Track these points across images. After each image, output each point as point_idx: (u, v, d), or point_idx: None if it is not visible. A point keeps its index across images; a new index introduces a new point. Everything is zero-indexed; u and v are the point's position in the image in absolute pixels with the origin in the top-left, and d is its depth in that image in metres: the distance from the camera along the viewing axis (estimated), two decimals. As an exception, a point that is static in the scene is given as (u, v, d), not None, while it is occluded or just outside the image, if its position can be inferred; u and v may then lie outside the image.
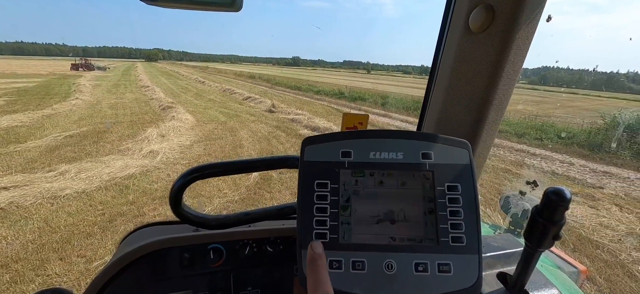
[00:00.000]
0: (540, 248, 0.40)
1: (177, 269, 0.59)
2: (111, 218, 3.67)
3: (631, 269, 3.27)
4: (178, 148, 6.47)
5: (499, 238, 0.65)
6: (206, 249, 0.60)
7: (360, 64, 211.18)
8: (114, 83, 20.19)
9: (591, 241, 3.76)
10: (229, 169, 0.57)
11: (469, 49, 0.51)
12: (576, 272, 1.10)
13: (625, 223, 4.21)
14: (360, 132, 0.42)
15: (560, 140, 8.90)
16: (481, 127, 0.52)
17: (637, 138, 8.10)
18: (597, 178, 6.08)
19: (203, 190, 4.47)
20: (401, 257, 0.37)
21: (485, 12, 0.46)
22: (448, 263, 0.37)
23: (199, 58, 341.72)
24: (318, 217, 0.38)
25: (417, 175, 0.40)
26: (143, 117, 9.28)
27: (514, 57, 0.47)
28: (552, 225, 0.37)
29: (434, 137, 0.41)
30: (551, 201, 0.36)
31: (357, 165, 0.40)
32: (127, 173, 4.94)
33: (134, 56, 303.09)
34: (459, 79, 0.54)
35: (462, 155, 0.40)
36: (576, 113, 15.02)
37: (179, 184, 0.54)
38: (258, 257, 0.63)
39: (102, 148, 6.17)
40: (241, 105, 13.10)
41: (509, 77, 0.49)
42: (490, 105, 0.51)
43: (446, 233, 0.38)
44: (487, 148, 0.56)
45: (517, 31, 0.45)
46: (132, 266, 0.57)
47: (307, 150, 0.41)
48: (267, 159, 0.59)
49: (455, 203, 0.39)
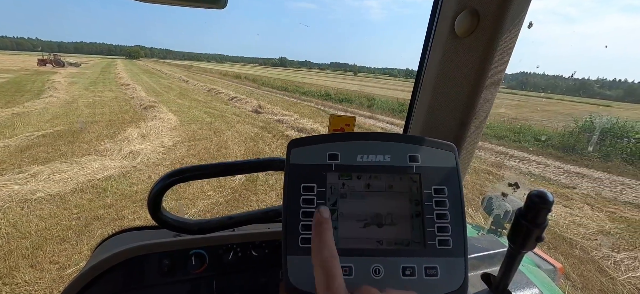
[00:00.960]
0: (523, 249, 0.41)
1: (156, 277, 0.56)
2: (87, 222, 3.50)
3: (602, 265, 3.45)
4: (160, 148, 6.26)
5: (482, 239, 0.66)
6: (187, 255, 0.58)
7: (347, 66, 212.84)
8: (92, 81, 19.35)
9: (565, 239, 3.95)
10: (212, 172, 0.55)
11: (454, 52, 0.52)
12: (553, 270, 1.14)
13: (596, 221, 4.44)
14: (347, 134, 0.41)
15: (537, 142, 9.31)
16: (466, 130, 0.53)
17: (605, 141, 8.60)
18: (570, 179, 6.39)
19: (186, 192, 4.34)
20: (388, 261, 0.37)
21: (471, 17, 0.46)
22: (435, 266, 0.37)
23: (183, 56, 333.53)
24: (304, 221, 0.37)
25: (405, 177, 0.40)
26: (123, 116, 8.93)
27: (498, 61, 0.48)
28: (535, 227, 0.38)
29: (421, 139, 0.41)
30: (534, 204, 0.36)
31: (344, 167, 0.40)
32: (105, 174, 4.73)
33: (114, 53, 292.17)
34: (445, 82, 0.55)
35: (448, 157, 0.41)
36: (552, 117, 15.77)
37: (158, 187, 0.52)
38: (242, 262, 0.62)
39: (78, 148, 5.88)
40: (227, 105, 12.87)
41: (493, 81, 0.50)
42: (474, 109, 0.52)
43: (433, 236, 0.38)
44: (472, 151, 0.57)
45: (501, 36, 0.46)
46: (107, 274, 0.54)
47: (293, 152, 0.40)
48: (251, 161, 0.58)
49: (441, 206, 0.39)
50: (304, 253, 0.36)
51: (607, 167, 7.38)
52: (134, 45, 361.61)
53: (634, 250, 3.75)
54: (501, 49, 0.47)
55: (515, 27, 0.46)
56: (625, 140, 8.30)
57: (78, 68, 32.93)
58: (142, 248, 0.55)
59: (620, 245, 3.88)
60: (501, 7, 0.44)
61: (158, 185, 0.52)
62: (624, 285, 3.14)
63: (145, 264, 0.56)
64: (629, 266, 3.44)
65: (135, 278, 0.55)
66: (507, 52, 0.49)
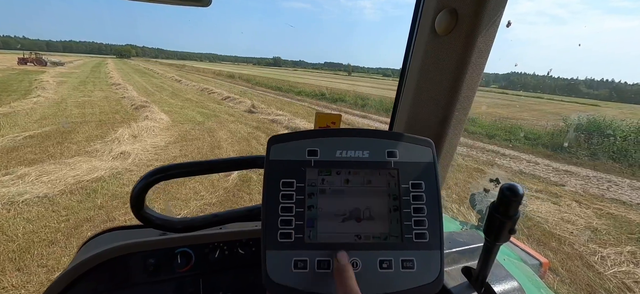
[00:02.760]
0: (498, 241, 0.42)
1: (141, 276, 0.56)
2: (77, 224, 3.44)
3: (589, 260, 3.53)
4: (152, 149, 6.19)
5: (464, 234, 0.68)
6: (173, 253, 0.57)
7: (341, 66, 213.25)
8: (81, 80, 18.98)
9: (554, 235, 4.03)
10: (195, 170, 0.55)
11: (435, 51, 0.53)
12: (538, 264, 1.17)
13: (584, 218, 4.55)
14: (327, 130, 0.42)
15: (527, 141, 9.47)
16: (447, 126, 0.54)
17: (593, 139, 8.81)
18: (559, 177, 6.52)
19: (178, 193, 4.30)
20: (366, 255, 0.38)
21: (450, 16, 0.47)
22: (412, 259, 0.38)
23: (175, 56, 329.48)
24: (283, 217, 0.38)
25: (383, 172, 0.40)
26: (113, 117, 8.79)
27: (476, 59, 0.50)
28: (508, 219, 0.39)
29: (399, 135, 0.42)
30: (505, 197, 0.38)
31: (323, 163, 0.40)
32: (95, 175, 4.65)
33: (105, 52, 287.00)
34: (426, 80, 0.56)
35: (426, 153, 0.42)
36: (541, 116, 16.06)
37: (141, 185, 0.52)
38: (229, 260, 0.62)
39: (67, 149, 5.77)
40: (220, 105, 12.77)
41: (472, 79, 0.51)
42: (454, 106, 0.53)
43: (410, 230, 0.39)
44: (453, 147, 0.58)
45: (479, 34, 0.47)
46: (92, 273, 0.53)
47: (273, 148, 0.41)
48: (235, 159, 0.58)
49: (419, 200, 0.39)
50: (283, 248, 0.37)
51: (595, 165, 7.55)
52: (125, 44, 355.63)
53: (619, 245, 3.84)
54: (479, 48, 0.48)
55: (492, 26, 0.47)
56: (612, 138, 8.51)
57: (63, 67, 32.19)
58: (127, 247, 0.54)
59: (607, 241, 3.98)
60: (479, 6, 0.45)
61: (140, 183, 0.52)
62: (610, 279, 3.22)
63: (130, 263, 0.55)
64: (614, 261, 3.52)
65: (120, 277, 0.55)
66: (485, 51, 0.50)
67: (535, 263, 1.15)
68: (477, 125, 11.29)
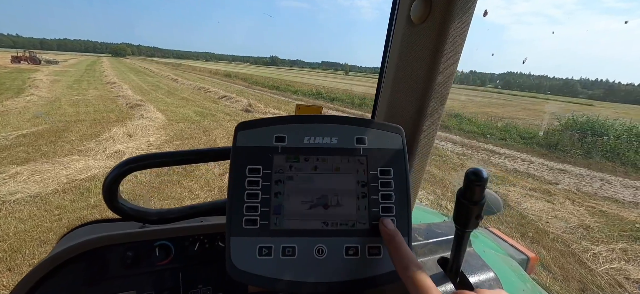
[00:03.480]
0: (467, 229, 0.42)
1: (119, 269, 0.55)
2: (69, 224, 3.40)
3: (581, 257, 3.57)
4: (147, 148, 6.15)
5: (442, 225, 0.68)
6: (152, 246, 0.57)
7: (339, 65, 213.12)
8: (76, 79, 18.80)
9: (547, 233, 4.06)
10: (172, 160, 0.55)
11: (411, 40, 0.53)
12: (526, 259, 1.18)
13: (577, 216, 4.59)
14: (295, 116, 0.41)
15: (522, 140, 9.55)
16: (423, 115, 0.54)
17: (586, 139, 8.89)
18: (553, 175, 6.58)
19: (173, 192, 4.28)
20: (332, 241, 0.37)
21: (424, 4, 0.47)
22: (378, 246, 0.37)
23: (171, 54, 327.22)
24: (249, 203, 0.37)
25: (352, 159, 0.40)
26: (108, 115, 8.71)
27: (451, 47, 0.49)
28: (473, 205, 0.38)
29: (368, 122, 0.42)
30: (470, 181, 0.37)
31: (291, 150, 0.40)
32: (88, 174, 4.61)
33: (100, 50, 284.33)
34: (404, 70, 0.56)
35: (395, 140, 0.41)
36: (536, 115, 16.19)
37: (113, 175, 0.51)
38: (210, 253, 0.61)
39: (61, 148, 5.71)
40: (216, 104, 12.71)
41: (448, 68, 0.51)
42: (431, 94, 0.53)
43: (377, 217, 0.38)
44: (431, 137, 0.58)
45: (452, 22, 0.47)
46: (69, 265, 0.53)
47: (240, 135, 0.40)
48: (215, 150, 0.57)
49: (387, 187, 0.39)
50: (248, 234, 0.36)
51: (588, 164, 7.63)
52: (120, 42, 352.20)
53: (611, 243, 3.89)
54: (453, 36, 0.48)
55: (466, 14, 0.47)
56: (605, 138, 8.61)
57: (57, 65, 31.83)
58: (104, 239, 0.54)
59: (599, 238, 4.02)
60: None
61: (113, 173, 0.51)
62: (601, 276, 3.25)
63: (107, 255, 0.55)
64: (606, 258, 3.56)
65: (96, 270, 0.54)
66: (460, 39, 0.50)
67: (523, 257, 1.16)
68: (472, 124, 11.36)
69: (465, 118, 12.17)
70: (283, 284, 0.35)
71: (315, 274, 0.36)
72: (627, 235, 4.15)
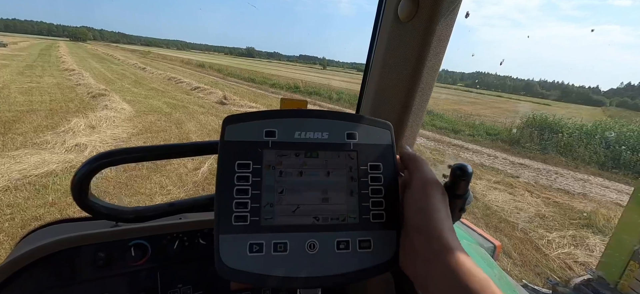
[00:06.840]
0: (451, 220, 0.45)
1: (90, 271, 0.52)
2: (24, 223, 3.12)
3: (538, 243, 3.91)
4: (112, 141, 5.76)
5: None
6: (127, 246, 0.54)
7: (316, 59, 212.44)
8: (28, 64, 17.05)
9: (509, 222, 4.40)
10: (147, 155, 0.52)
11: (397, 37, 0.54)
12: (493, 247, 1.26)
13: (534, 206, 5.01)
14: (285, 111, 0.41)
15: (488, 136, 10.18)
16: (408, 112, 0.56)
17: (544, 135, 9.68)
18: (514, 169, 7.10)
19: (143, 188, 4.06)
20: (323, 236, 0.38)
21: (411, 2, 0.49)
22: (368, 239, 0.38)
23: (139, 41, 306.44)
24: (238, 199, 0.36)
25: (342, 154, 0.41)
26: (67, 105, 8.02)
27: (436, 46, 0.51)
28: (458, 199, 0.41)
29: (359, 117, 0.43)
30: (456, 176, 0.39)
31: (281, 144, 0.39)
32: (45, 170, 4.23)
33: (56, 33, 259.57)
34: (389, 66, 0.57)
35: (384, 135, 0.42)
36: (501, 113, 17.30)
37: (84, 171, 0.47)
38: (190, 252, 0.59)
39: (12, 141, 5.17)
40: (189, 95, 12.17)
41: (433, 66, 0.54)
42: (416, 91, 0.55)
43: (367, 211, 0.39)
44: (415, 132, 0.60)
45: (438, 21, 0.49)
46: (30, 269, 0.48)
47: (228, 129, 0.39)
48: (193, 144, 0.55)
49: (376, 182, 0.40)
50: (238, 231, 0.36)
51: (545, 158, 8.32)
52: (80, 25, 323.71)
53: (562, 230, 4.29)
54: (439, 35, 0.50)
55: (451, 13, 0.49)
56: (560, 135, 9.42)
57: (5, 48, 28.68)
58: (71, 240, 0.50)
59: (553, 226, 4.42)
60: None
61: (83, 168, 0.47)
62: (554, 260, 3.59)
63: (76, 257, 0.51)
64: (559, 244, 3.93)
65: (64, 273, 0.50)
66: (445, 38, 0.52)
67: (490, 246, 1.24)
68: (443, 120, 11.90)
69: (437, 115, 12.72)
70: (275, 280, 0.35)
71: (307, 270, 0.36)
72: (575, 222, 4.60)
